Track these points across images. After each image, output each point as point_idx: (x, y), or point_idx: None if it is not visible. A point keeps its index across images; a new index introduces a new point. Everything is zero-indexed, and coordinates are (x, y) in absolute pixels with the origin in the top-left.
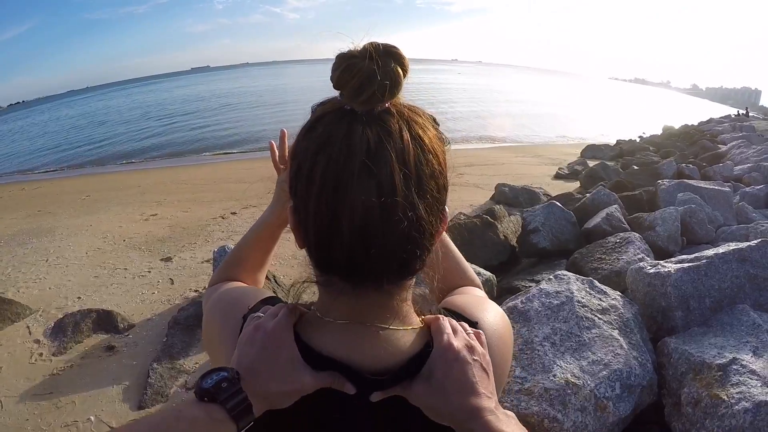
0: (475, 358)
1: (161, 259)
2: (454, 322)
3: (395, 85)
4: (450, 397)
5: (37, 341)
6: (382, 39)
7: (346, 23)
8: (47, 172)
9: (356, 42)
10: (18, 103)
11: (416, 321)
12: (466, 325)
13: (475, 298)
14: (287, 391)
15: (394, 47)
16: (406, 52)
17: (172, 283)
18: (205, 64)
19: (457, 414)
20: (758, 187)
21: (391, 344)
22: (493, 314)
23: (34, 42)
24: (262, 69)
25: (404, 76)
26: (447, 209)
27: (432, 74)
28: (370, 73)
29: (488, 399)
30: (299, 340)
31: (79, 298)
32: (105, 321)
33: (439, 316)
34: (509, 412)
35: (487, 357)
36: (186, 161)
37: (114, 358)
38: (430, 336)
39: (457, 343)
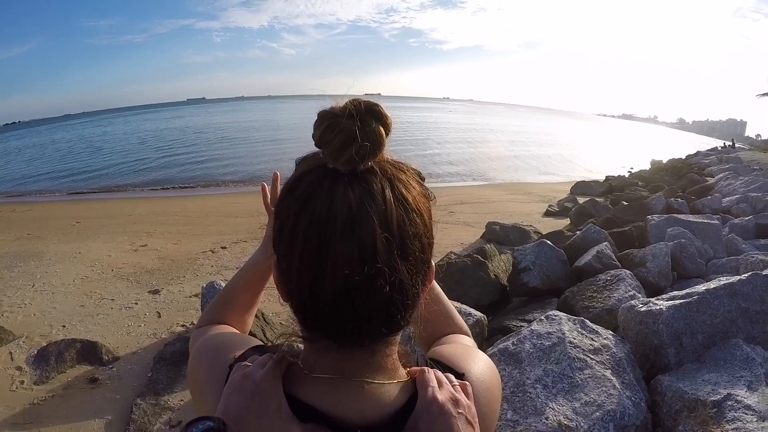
0: (460, 411)
1: (149, 291)
2: (439, 374)
3: (377, 145)
4: None
5: (19, 368)
6: (377, 77)
7: (341, 59)
8: (39, 194)
9: (339, 97)
10: (14, 123)
11: (402, 374)
12: (452, 377)
13: (462, 348)
14: None
15: (377, 105)
16: (398, 89)
17: (159, 317)
18: (201, 95)
19: None
20: (746, 218)
21: (376, 398)
22: (480, 365)
23: (33, 62)
24: (258, 103)
25: (387, 134)
26: (433, 264)
27: (424, 112)
28: (351, 133)
29: None
30: (286, 391)
31: (63, 326)
32: (89, 352)
33: (425, 368)
34: None
35: (473, 409)
36: (178, 193)
37: (97, 390)
38: (415, 389)
39: (442, 396)
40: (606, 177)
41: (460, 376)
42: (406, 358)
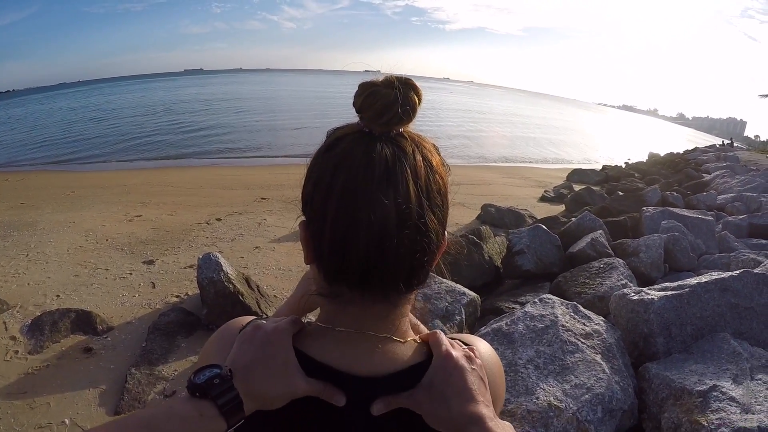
0: (473, 367)
1: (143, 262)
2: (448, 338)
3: (413, 110)
4: (450, 403)
5: (14, 338)
6: (377, 54)
7: (341, 35)
8: (33, 164)
9: (371, 75)
10: (8, 91)
11: (412, 336)
12: (460, 342)
13: (460, 335)
14: (278, 394)
15: (411, 80)
16: (398, 68)
17: (154, 287)
18: (199, 66)
19: (458, 419)
20: (741, 216)
21: (389, 355)
22: (484, 343)
23: (30, 30)
24: (256, 75)
25: (419, 103)
26: (446, 234)
27: (424, 92)
28: (392, 98)
29: (486, 406)
30: (296, 348)
31: (58, 296)
32: (84, 322)
33: (437, 331)
34: (506, 423)
35: (484, 370)
36: (173, 163)
37: (91, 360)
38: (427, 351)
39: (456, 352)
40: (603, 166)
41: (470, 347)
42: (423, 318)
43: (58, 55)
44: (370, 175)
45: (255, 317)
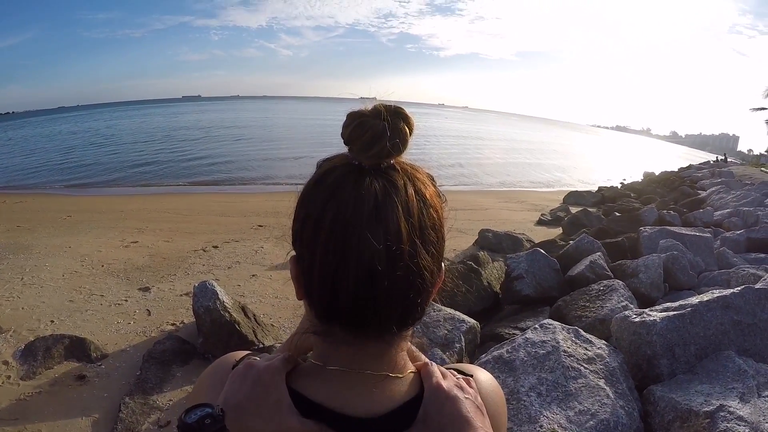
0: (467, 396)
1: (139, 289)
2: (442, 368)
3: (403, 142)
4: None
5: (6, 363)
6: (373, 81)
7: (337, 62)
8: (31, 188)
9: (366, 102)
10: (8, 113)
11: (410, 368)
12: (454, 372)
13: (459, 365)
14: None
15: (402, 108)
16: (394, 95)
17: (149, 315)
18: (197, 93)
19: None
20: (738, 232)
21: (386, 392)
22: (485, 373)
23: (29, 53)
24: (253, 103)
25: (410, 134)
26: (443, 264)
27: (419, 118)
28: (381, 130)
29: None
30: (290, 387)
31: (52, 321)
32: (77, 348)
33: (428, 362)
34: None
35: (479, 399)
36: (170, 190)
37: (85, 388)
38: (421, 383)
39: (447, 383)
40: (599, 187)
41: (467, 377)
42: (421, 349)
43: (57, 79)
44: (359, 212)
45: (249, 352)
